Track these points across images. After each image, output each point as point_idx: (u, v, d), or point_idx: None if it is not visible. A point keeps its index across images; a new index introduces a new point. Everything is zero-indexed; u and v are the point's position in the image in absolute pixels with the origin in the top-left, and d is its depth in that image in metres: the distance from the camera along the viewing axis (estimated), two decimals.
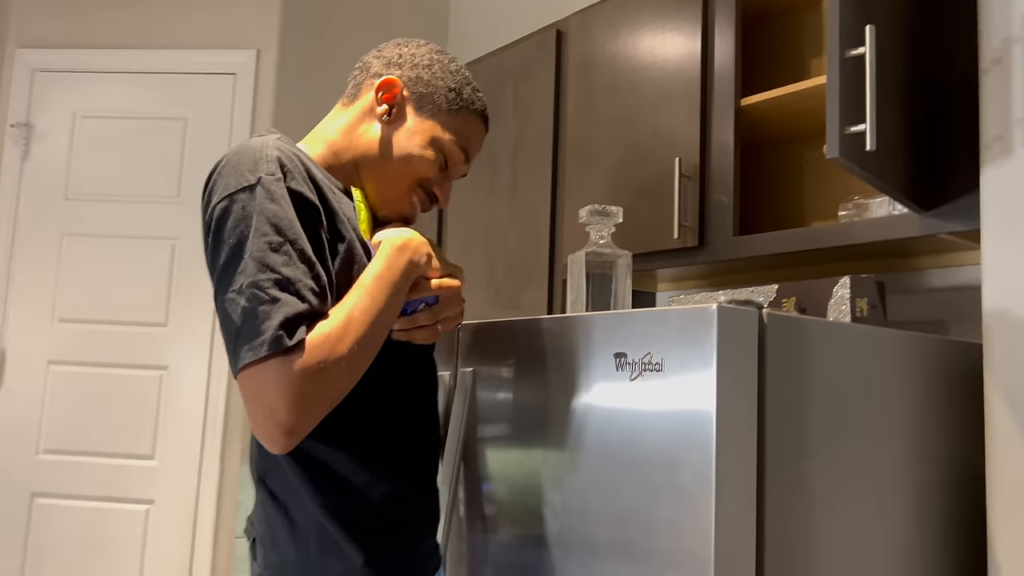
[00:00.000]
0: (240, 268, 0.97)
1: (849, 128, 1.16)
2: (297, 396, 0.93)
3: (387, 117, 1.18)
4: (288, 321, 0.94)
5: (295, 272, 0.97)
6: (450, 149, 1.20)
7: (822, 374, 1.19)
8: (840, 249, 1.63)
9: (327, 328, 0.97)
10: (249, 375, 0.94)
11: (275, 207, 0.99)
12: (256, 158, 1.03)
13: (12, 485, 2.83)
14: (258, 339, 0.93)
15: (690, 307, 1.09)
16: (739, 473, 1.05)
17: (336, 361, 0.97)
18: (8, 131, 2.96)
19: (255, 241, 0.97)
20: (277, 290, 0.95)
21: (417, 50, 1.22)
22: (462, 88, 1.21)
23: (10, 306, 2.90)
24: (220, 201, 1.01)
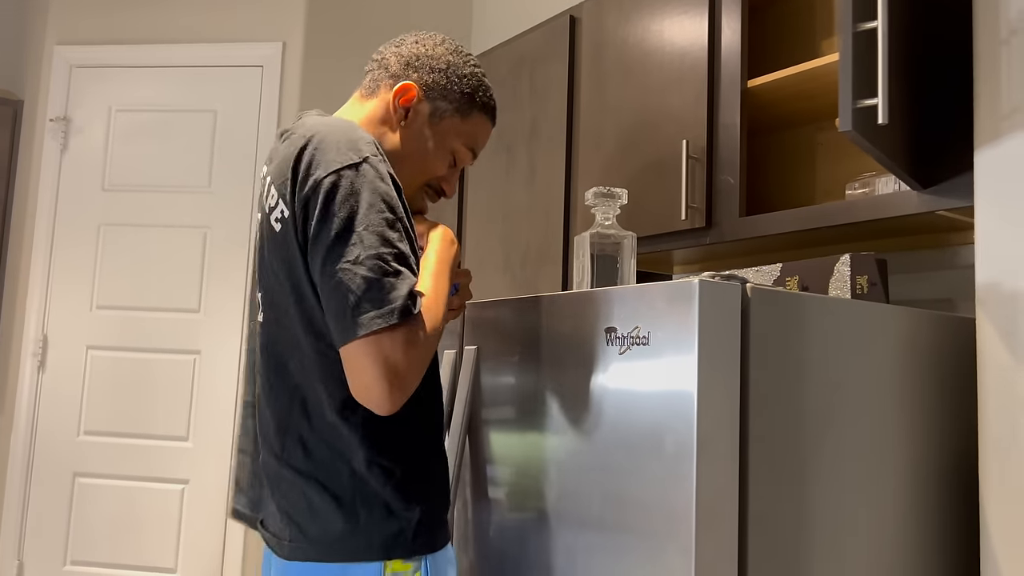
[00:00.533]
0: (354, 240, 1.03)
1: (861, 102, 1.17)
2: (419, 360, 1.04)
3: (404, 121, 1.24)
4: (412, 292, 1.04)
5: (407, 248, 1.07)
6: (460, 151, 1.28)
7: (811, 348, 1.21)
8: (846, 229, 1.64)
9: (426, 302, 1.08)
10: (375, 341, 1.01)
11: (385, 186, 1.07)
12: (353, 138, 1.09)
13: (56, 465, 2.96)
14: (387, 307, 1.01)
15: (673, 282, 1.12)
16: (720, 439, 1.09)
17: (438, 330, 1.09)
18: (48, 125, 3.07)
19: (371, 216, 1.04)
20: (398, 263, 1.04)
21: (434, 51, 1.26)
22: (475, 92, 1.27)
23: (52, 294, 3.03)
24: (327, 176, 1.06)
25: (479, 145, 1.31)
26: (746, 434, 1.12)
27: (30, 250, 3.08)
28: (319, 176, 1.06)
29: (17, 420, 2.99)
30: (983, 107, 1.32)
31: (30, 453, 2.98)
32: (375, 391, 1.02)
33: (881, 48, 1.13)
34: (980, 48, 1.33)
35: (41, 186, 3.07)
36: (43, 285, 3.03)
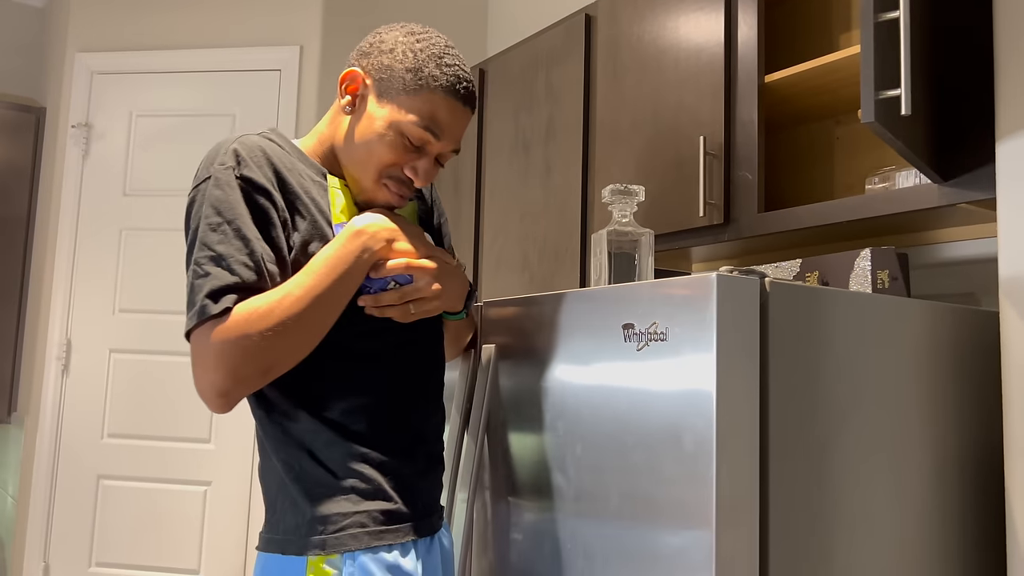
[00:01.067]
0: (191, 249, 1.11)
1: (884, 93, 1.16)
2: (221, 361, 1.04)
3: (349, 108, 1.22)
4: (214, 292, 1.05)
5: (228, 248, 1.08)
6: (412, 131, 1.18)
7: (833, 343, 1.20)
8: (865, 223, 1.62)
9: (256, 303, 1.07)
10: (191, 341, 1.07)
11: (218, 192, 1.11)
12: (217, 152, 1.15)
13: (80, 468, 2.99)
14: (192, 309, 1.06)
15: (692, 276, 1.11)
16: (739, 436, 1.08)
17: (261, 333, 1.05)
18: (70, 132, 3.11)
19: (200, 224, 1.10)
20: (211, 265, 1.07)
21: (388, 35, 1.22)
22: (422, 67, 1.18)
23: (75, 298, 3.06)
24: (191, 193, 1.15)
25: (439, 125, 1.19)
26: (766, 431, 1.11)
27: (53, 255, 3.11)
28: (189, 194, 1.16)
29: (42, 424, 3.02)
30: (1005, 97, 1.31)
31: (55, 456, 3.01)
32: (198, 389, 1.07)
33: (903, 38, 1.12)
34: (1001, 37, 1.31)
35: (64, 192, 3.11)
36: (66, 289, 3.07)
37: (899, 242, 1.78)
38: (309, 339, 1.11)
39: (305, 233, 1.16)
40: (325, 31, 3.01)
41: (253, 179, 1.13)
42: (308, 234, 1.16)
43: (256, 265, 1.09)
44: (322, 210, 1.19)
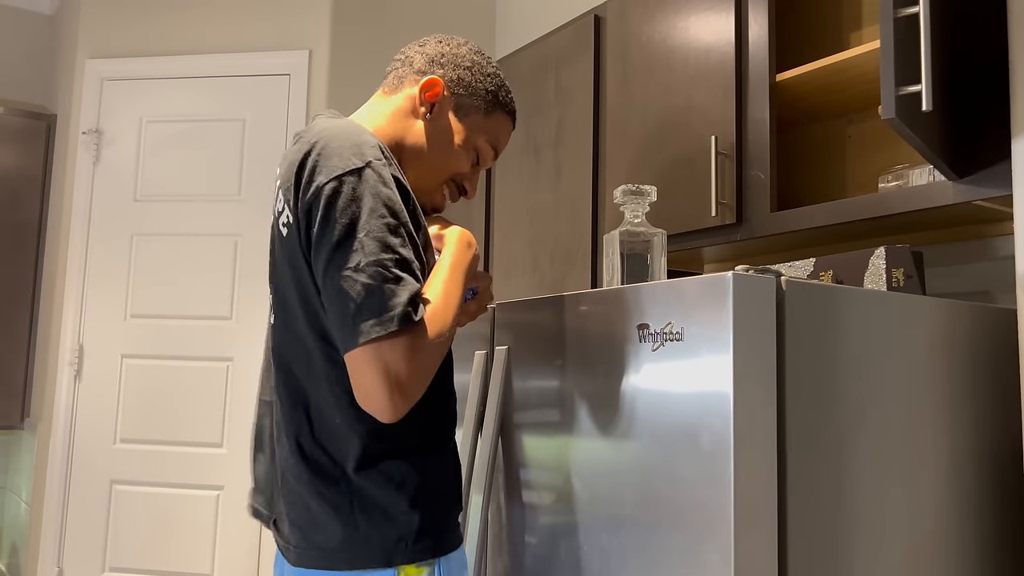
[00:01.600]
0: (355, 247, 1.02)
1: (904, 88, 1.15)
2: (422, 367, 1.03)
3: (429, 115, 1.24)
4: (413, 299, 1.03)
5: (410, 253, 1.05)
6: (483, 148, 1.28)
7: (849, 341, 1.19)
8: (879, 222, 1.61)
9: (432, 307, 1.07)
10: (375, 348, 1.00)
11: (388, 191, 1.05)
12: (357, 143, 1.08)
13: (93, 473, 2.99)
14: (387, 314, 1.00)
15: (707, 276, 1.11)
16: (757, 436, 1.07)
17: (444, 336, 1.07)
18: (80, 138, 3.12)
19: (372, 222, 1.03)
20: (399, 269, 1.03)
21: (459, 50, 1.28)
22: (498, 91, 1.28)
23: (87, 304, 3.07)
24: (329, 182, 1.05)
25: (501, 144, 1.32)
26: (783, 431, 1.11)
27: (65, 261, 3.12)
28: (321, 182, 1.05)
29: (55, 429, 3.03)
30: (1021, 92, 1.30)
31: (68, 461, 3.02)
32: (377, 398, 1.01)
33: (923, 33, 1.11)
34: (1016, 31, 1.31)
35: (75, 198, 3.12)
36: (78, 295, 3.08)
37: (913, 240, 1.77)
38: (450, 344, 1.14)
39: (423, 237, 1.15)
40: (334, 35, 3.02)
41: (400, 180, 1.11)
42: (425, 238, 1.16)
43: (423, 272, 1.10)
44: (420, 218, 1.19)
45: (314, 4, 3.03)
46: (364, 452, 1.11)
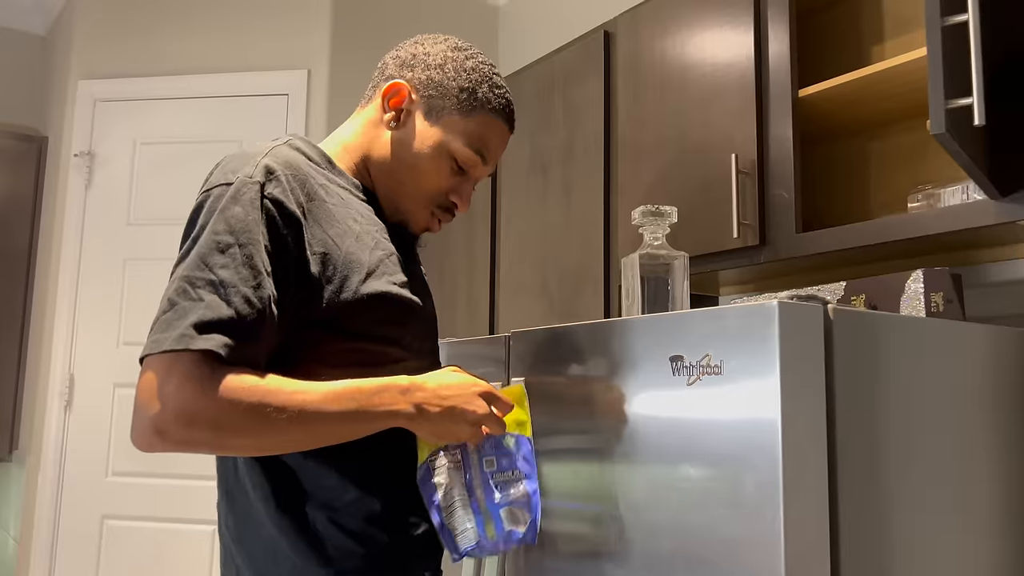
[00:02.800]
0: (182, 261, 0.94)
1: (954, 102, 1.07)
2: (186, 404, 0.86)
3: (394, 124, 1.13)
4: (203, 324, 0.88)
5: (232, 276, 0.91)
6: (462, 154, 1.12)
7: (895, 372, 1.11)
8: (911, 242, 1.54)
9: (257, 381, 0.90)
10: (147, 365, 0.89)
11: (237, 208, 0.94)
12: (246, 160, 1.00)
13: (84, 507, 2.88)
14: (166, 333, 0.88)
15: (749, 304, 1.02)
16: (809, 480, 0.98)
17: (240, 417, 0.88)
18: (72, 161, 3.04)
19: (206, 237, 0.94)
20: (207, 290, 0.90)
21: (432, 47, 1.15)
22: (476, 87, 1.13)
23: (78, 331, 2.97)
24: (200, 196, 0.99)
25: (488, 148, 1.14)
26: (834, 469, 1.02)
27: (55, 287, 3.03)
28: (197, 196, 1.00)
29: (44, 462, 2.92)
30: None
31: (58, 495, 2.91)
32: (133, 420, 0.89)
33: (974, 42, 1.04)
34: None
35: (66, 222, 3.03)
36: (69, 323, 2.98)
37: (946, 261, 1.69)
38: (289, 446, 0.96)
39: (322, 257, 1.00)
40: (334, 54, 2.95)
41: (282, 202, 0.97)
42: (324, 259, 1.00)
43: (260, 303, 0.92)
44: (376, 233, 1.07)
45: (314, 23, 2.96)
46: (274, 498, 1.02)
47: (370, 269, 1.02)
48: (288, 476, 1.02)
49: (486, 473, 1.06)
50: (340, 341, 1.01)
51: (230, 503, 1.08)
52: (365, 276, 1.01)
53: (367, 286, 1.01)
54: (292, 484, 1.02)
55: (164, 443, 0.88)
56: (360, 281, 1.01)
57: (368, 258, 1.03)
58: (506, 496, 1.06)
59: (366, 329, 1.02)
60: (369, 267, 1.02)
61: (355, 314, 1.00)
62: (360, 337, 1.02)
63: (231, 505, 1.07)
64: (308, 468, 1.02)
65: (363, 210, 1.09)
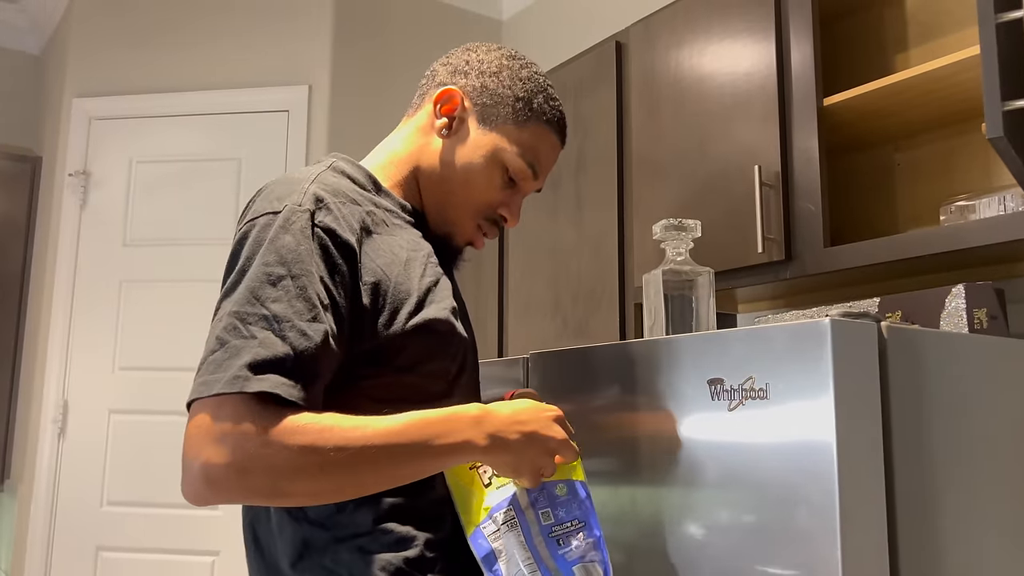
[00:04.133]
0: (230, 294, 0.87)
1: (1012, 103, 0.99)
2: (235, 450, 0.78)
3: (446, 131, 1.07)
4: (257, 364, 0.81)
5: (286, 310, 0.84)
6: (515, 164, 1.07)
7: (948, 392, 1.03)
8: (947, 256, 1.46)
9: (312, 420, 0.81)
10: (196, 408, 0.81)
11: (288, 237, 0.88)
12: (292, 188, 0.94)
13: (78, 538, 2.78)
14: (216, 374, 0.81)
15: (797, 323, 0.95)
16: (867, 509, 0.91)
17: (296, 458, 0.80)
18: (67, 180, 2.96)
19: (256, 269, 0.87)
20: (260, 326, 0.83)
21: (486, 55, 1.10)
22: (532, 97, 1.08)
23: (72, 356, 2.88)
24: (244, 225, 0.93)
25: (540, 160, 1.09)
26: (892, 496, 0.94)
27: (49, 310, 2.94)
28: (240, 226, 0.94)
29: (37, 491, 2.82)
30: None
31: (51, 526, 2.80)
32: (183, 469, 0.81)
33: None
34: None
35: (60, 243, 2.94)
36: (63, 346, 2.89)
37: (982, 275, 1.61)
38: (350, 489, 0.86)
39: (373, 291, 0.93)
40: (335, 69, 2.88)
41: (335, 231, 0.91)
42: (375, 292, 0.93)
43: (317, 338, 0.84)
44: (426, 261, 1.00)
45: (314, 37, 2.90)
46: (304, 543, 0.93)
47: (420, 298, 0.96)
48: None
49: (545, 527, 0.95)
50: (387, 375, 0.93)
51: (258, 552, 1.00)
52: (415, 307, 0.95)
53: (417, 317, 0.95)
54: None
55: (217, 494, 0.79)
56: (410, 313, 0.95)
57: (417, 286, 0.97)
58: (574, 550, 0.95)
59: (414, 362, 0.95)
60: (419, 296, 0.96)
61: (404, 346, 0.94)
62: (407, 371, 0.95)
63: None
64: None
65: (410, 235, 1.03)
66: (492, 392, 1.31)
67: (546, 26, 3.11)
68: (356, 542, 0.91)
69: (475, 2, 3.27)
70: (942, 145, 1.77)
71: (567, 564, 0.93)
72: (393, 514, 0.93)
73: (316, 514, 0.93)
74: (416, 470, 0.88)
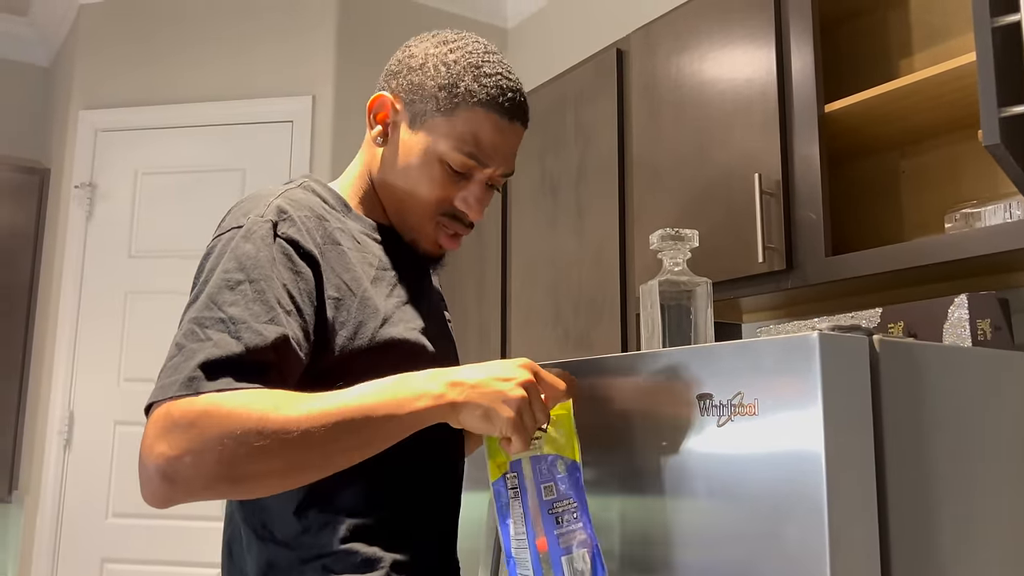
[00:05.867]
0: (191, 304, 0.87)
1: (1009, 109, 0.96)
2: (189, 443, 0.77)
3: (381, 139, 1.05)
4: (210, 363, 0.81)
5: (242, 312, 0.84)
6: (452, 158, 1.00)
7: (946, 408, 1.00)
8: (951, 265, 1.43)
9: (257, 397, 0.80)
10: (152, 414, 0.81)
11: (248, 246, 0.89)
12: (258, 202, 0.94)
13: (83, 550, 2.78)
14: (172, 377, 0.81)
15: (785, 337, 0.92)
16: (858, 530, 0.88)
17: (248, 437, 0.78)
18: (73, 192, 2.97)
19: (216, 277, 0.87)
20: (215, 328, 0.83)
21: (416, 48, 1.05)
22: (457, 82, 1.00)
23: (78, 367, 2.89)
24: (212, 241, 0.94)
25: (483, 147, 1.01)
26: (885, 518, 0.91)
27: (56, 322, 2.95)
28: (209, 244, 0.95)
29: (43, 503, 2.83)
30: None
31: (56, 537, 2.81)
32: (139, 470, 0.80)
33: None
34: None
35: (67, 255, 2.95)
36: (69, 358, 2.89)
37: (987, 285, 1.58)
38: (304, 475, 0.84)
39: (335, 304, 0.92)
40: (338, 79, 2.88)
41: (298, 242, 0.91)
42: (338, 305, 0.92)
43: (273, 339, 0.84)
44: (358, 279, 0.97)
45: (318, 48, 2.90)
46: (269, 564, 0.93)
47: (386, 315, 0.95)
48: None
49: (545, 503, 0.92)
50: None
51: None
52: (381, 322, 0.94)
53: (383, 332, 0.94)
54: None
55: (174, 487, 0.78)
56: (376, 327, 0.94)
57: (384, 304, 0.96)
58: (568, 536, 0.92)
59: (377, 378, 0.92)
60: (385, 313, 0.95)
61: (368, 362, 0.92)
62: None
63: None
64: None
65: (379, 253, 1.02)
66: None
67: (552, 33, 3.09)
68: (321, 562, 0.90)
69: (480, 11, 3.26)
70: (948, 151, 1.73)
71: (558, 552, 0.90)
72: (359, 534, 0.91)
73: (283, 534, 0.92)
74: (379, 435, 0.84)
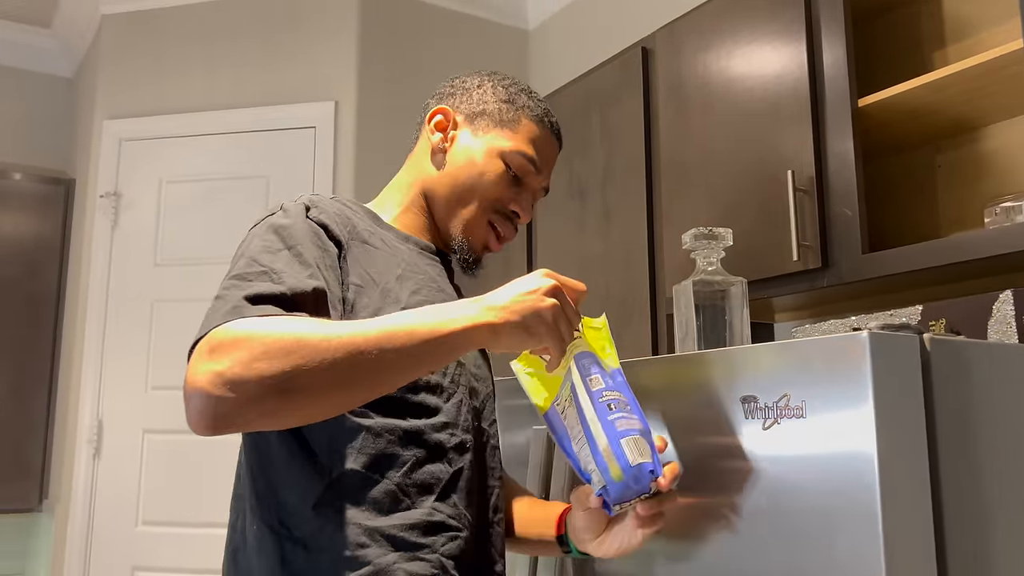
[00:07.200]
0: (230, 271, 0.91)
1: None
2: (236, 358, 0.78)
3: (444, 144, 1.13)
4: (254, 296, 0.85)
5: (282, 266, 0.89)
6: (514, 160, 1.11)
7: (998, 407, 0.97)
8: (992, 260, 1.40)
9: (301, 322, 0.82)
10: (197, 347, 0.81)
11: (285, 220, 0.96)
12: (287, 204, 1.02)
13: (114, 558, 2.79)
14: (215, 315, 0.83)
15: (833, 336, 0.90)
16: (913, 535, 0.85)
17: (292, 347, 0.79)
18: (98, 202, 2.98)
19: (255, 246, 0.93)
20: (258, 279, 0.87)
21: (468, 78, 1.19)
22: (514, 97, 1.15)
23: (106, 376, 2.89)
24: (245, 237, 1.00)
25: (537, 156, 1.13)
26: (941, 521, 0.88)
27: (83, 331, 2.96)
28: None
29: (73, 511, 2.83)
30: None
31: (87, 546, 2.81)
32: (185, 400, 0.79)
33: None
34: None
35: (92, 265, 2.96)
36: (97, 367, 2.90)
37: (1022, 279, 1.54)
38: (352, 391, 0.83)
39: (357, 296, 0.96)
40: (361, 85, 2.87)
41: (327, 225, 0.98)
42: (359, 297, 0.96)
43: (313, 285, 0.89)
44: (381, 276, 1.00)
45: (339, 53, 2.89)
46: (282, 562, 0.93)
47: (406, 307, 0.96)
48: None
49: (595, 393, 0.92)
50: None
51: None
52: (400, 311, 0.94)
53: None
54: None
55: (223, 404, 0.77)
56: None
57: (407, 300, 0.98)
58: (624, 420, 0.91)
59: None
60: (406, 306, 0.97)
61: None
62: None
63: None
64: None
65: (408, 258, 1.05)
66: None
67: (573, 34, 3.07)
68: (335, 563, 0.90)
69: (501, 13, 3.24)
70: (984, 144, 1.70)
71: (616, 435, 0.89)
72: (376, 536, 0.91)
73: (300, 531, 0.91)
74: (419, 350, 0.84)
